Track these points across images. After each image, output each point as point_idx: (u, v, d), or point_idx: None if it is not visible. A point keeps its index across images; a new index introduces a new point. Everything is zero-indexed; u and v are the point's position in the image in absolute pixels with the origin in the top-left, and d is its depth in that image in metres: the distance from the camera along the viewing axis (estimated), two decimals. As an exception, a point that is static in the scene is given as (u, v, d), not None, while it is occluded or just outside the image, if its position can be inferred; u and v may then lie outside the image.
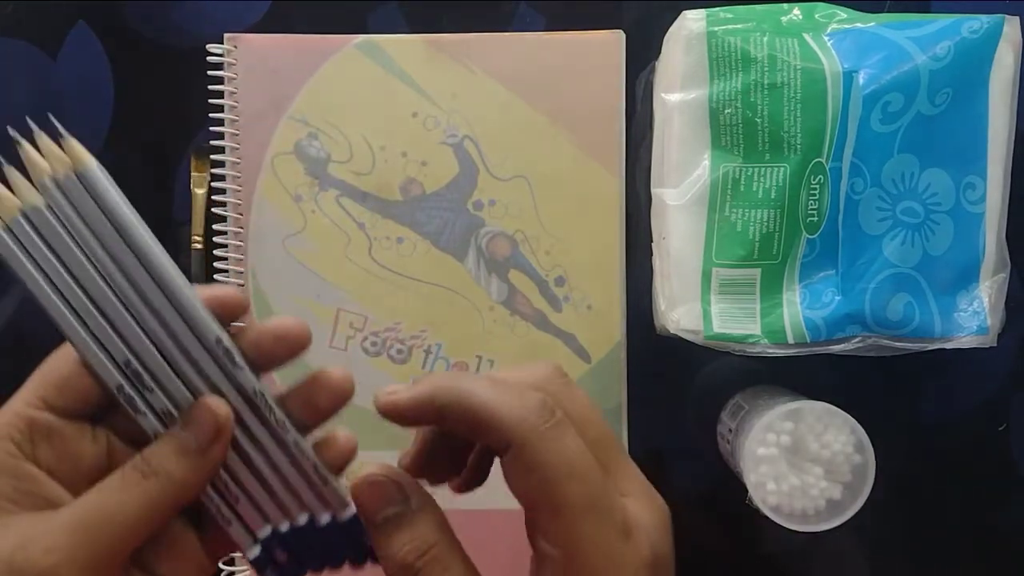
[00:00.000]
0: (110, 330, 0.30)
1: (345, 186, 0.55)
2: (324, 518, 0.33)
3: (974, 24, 0.49)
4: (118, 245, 0.30)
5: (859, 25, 0.50)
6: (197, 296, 0.31)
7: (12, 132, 0.29)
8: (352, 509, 0.33)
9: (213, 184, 0.56)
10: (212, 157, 0.56)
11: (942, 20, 0.49)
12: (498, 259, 0.55)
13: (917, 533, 0.57)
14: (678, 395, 0.57)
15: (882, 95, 0.48)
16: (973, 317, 0.51)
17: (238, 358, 0.32)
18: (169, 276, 0.30)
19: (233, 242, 0.55)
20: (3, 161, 0.30)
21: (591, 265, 0.55)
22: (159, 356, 0.31)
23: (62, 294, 0.30)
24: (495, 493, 0.57)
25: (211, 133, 0.55)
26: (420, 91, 0.55)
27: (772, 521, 0.49)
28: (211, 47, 0.55)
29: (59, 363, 0.30)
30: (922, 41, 0.48)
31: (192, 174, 0.56)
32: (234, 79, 0.55)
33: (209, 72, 0.55)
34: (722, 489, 0.56)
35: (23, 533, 0.28)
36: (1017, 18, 0.49)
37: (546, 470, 0.29)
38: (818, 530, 0.49)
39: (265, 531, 0.33)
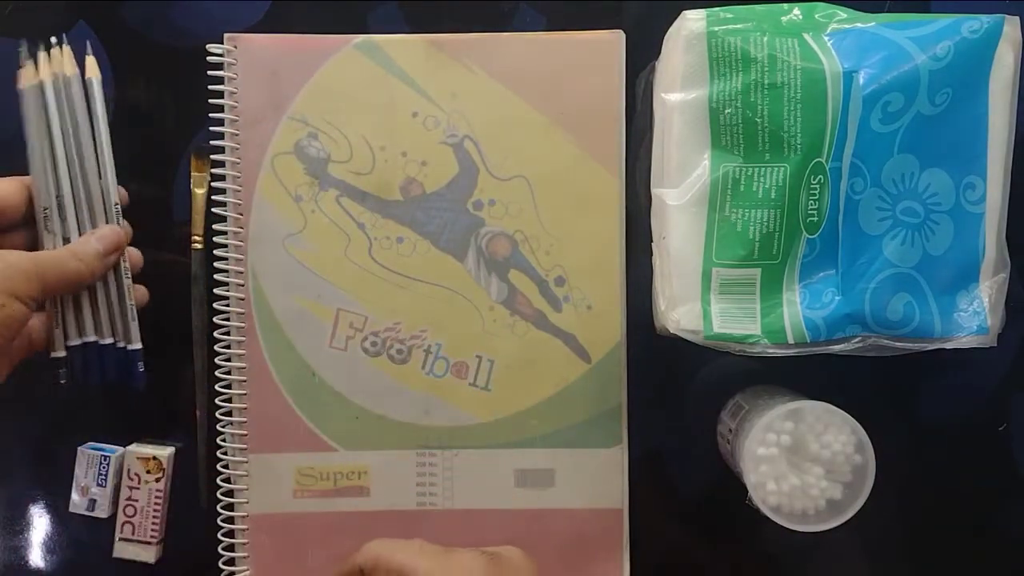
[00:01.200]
0: (54, 176, 0.50)
1: (345, 186, 0.55)
2: (121, 343, 0.52)
3: (974, 24, 0.49)
4: (90, 136, 0.51)
5: (859, 25, 0.50)
6: (114, 175, 0.52)
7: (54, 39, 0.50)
8: (138, 344, 0.52)
9: (213, 184, 0.56)
10: (212, 157, 0.56)
11: (942, 20, 0.49)
12: (498, 259, 0.55)
13: (917, 533, 0.57)
14: (678, 395, 0.57)
15: (882, 95, 0.48)
16: (973, 317, 0.51)
17: (121, 221, 0.52)
18: (105, 159, 0.51)
19: (233, 242, 0.55)
20: (40, 47, 0.50)
21: (591, 265, 0.55)
22: (73, 201, 0.51)
23: (40, 143, 0.50)
24: (495, 493, 0.57)
25: (211, 133, 0.55)
26: (420, 91, 0.55)
27: (772, 521, 0.49)
28: (211, 47, 0.55)
29: (3, 184, 0.49)
30: (922, 41, 0.48)
31: (192, 174, 0.56)
32: (234, 79, 0.55)
33: (209, 72, 0.55)
34: (722, 489, 0.56)
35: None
36: (1017, 18, 0.49)
37: None
38: (818, 530, 0.49)
39: (75, 340, 0.51)
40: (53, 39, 0.50)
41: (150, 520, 0.56)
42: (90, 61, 0.51)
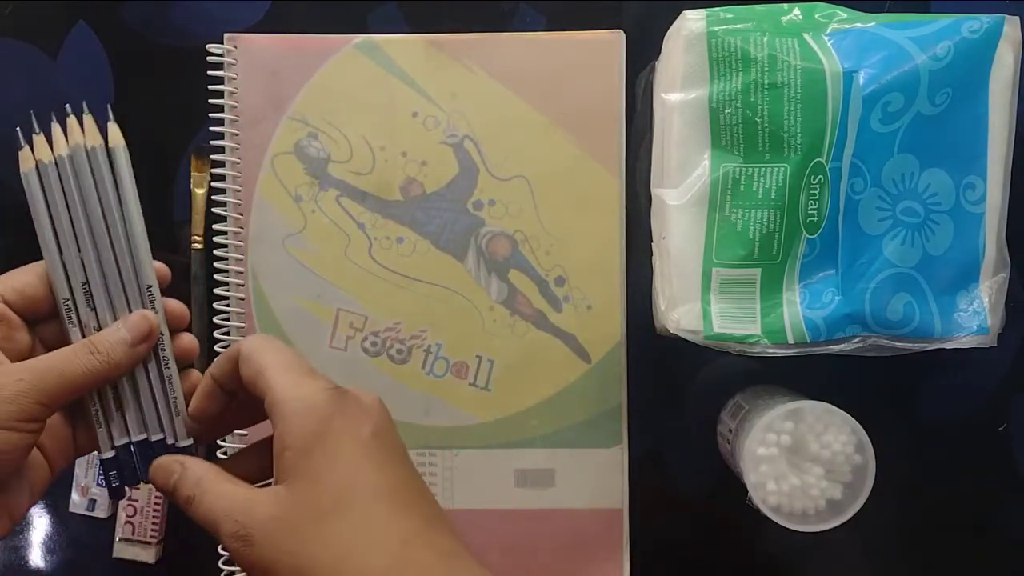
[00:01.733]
0: (78, 261, 0.42)
1: (345, 186, 0.55)
2: (169, 440, 0.43)
3: (974, 24, 0.49)
4: (117, 211, 0.42)
5: (859, 25, 0.50)
6: (150, 255, 0.43)
7: (68, 108, 0.42)
8: (190, 440, 0.43)
9: (213, 184, 0.56)
10: (212, 157, 0.56)
11: (942, 20, 0.49)
12: (498, 259, 0.55)
13: (917, 533, 0.57)
14: (678, 395, 0.57)
15: (882, 95, 0.48)
16: (973, 317, 0.51)
17: (157, 305, 0.43)
18: (136, 236, 0.43)
19: (233, 242, 0.55)
20: (43, 125, 0.42)
21: (591, 265, 0.55)
22: (104, 287, 0.43)
23: (54, 229, 0.42)
24: (495, 493, 0.57)
25: (211, 133, 0.55)
26: (420, 91, 0.55)
27: (772, 521, 0.49)
28: (211, 47, 0.55)
29: (25, 274, 0.42)
30: (922, 41, 0.48)
31: (192, 174, 0.56)
32: (234, 79, 0.55)
33: (209, 72, 0.55)
34: (722, 489, 0.56)
35: None
36: (1017, 18, 0.49)
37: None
38: (818, 530, 0.49)
39: (122, 439, 0.43)
40: (68, 107, 0.43)
41: (150, 520, 0.56)
42: (113, 129, 0.44)
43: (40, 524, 0.57)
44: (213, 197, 0.55)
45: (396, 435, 0.39)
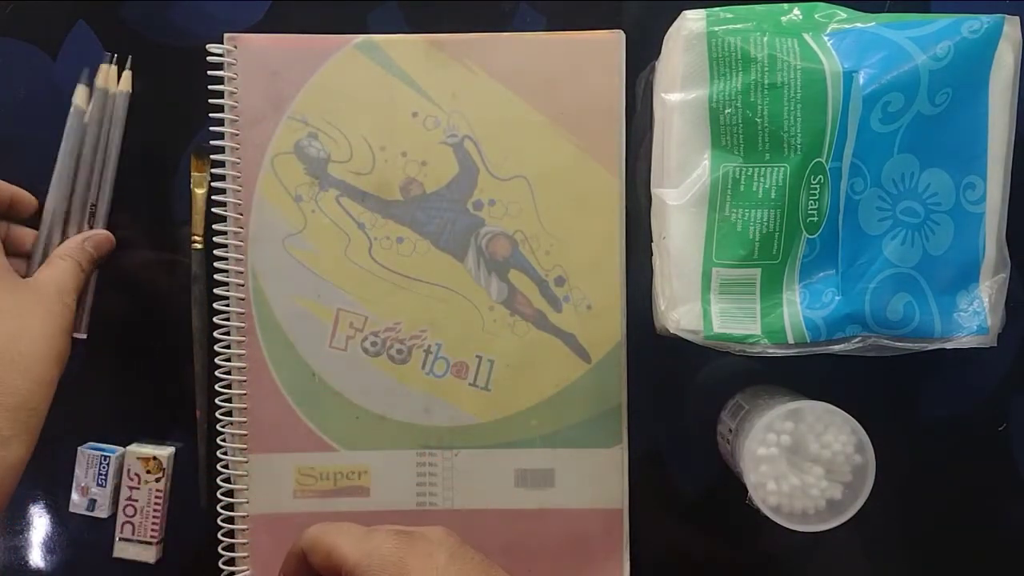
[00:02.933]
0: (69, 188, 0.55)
1: (345, 186, 0.55)
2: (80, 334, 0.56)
3: (974, 24, 0.49)
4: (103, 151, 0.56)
5: (859, 25, 0.50)
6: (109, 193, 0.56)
7: (107, 57, 0.56)
8: (84, 334, 0.56)
9: (213, 184, 0.56)
10: (212, 157, 0.56)
11: (942, 20, 0.49)
12: (498, 259, 0.55)
13: (917, 533, 0.57)
14: (678, 395, 0.57)
15: (882, 95, 0.48)
16: (973, 317, 0.51)
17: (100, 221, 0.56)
18: (108, 174, 0.56)
19: (233, 242, 0.55)
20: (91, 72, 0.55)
21: (591, 265, 0.55)
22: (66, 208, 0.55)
23: (77, 164, 0.55)
24: (495, 493, 0.57)
25: (211, 133, 0.55)
26: (420, 91, 0.55)
27: (772, 521, 0.49)
28: (211, 47, 0.55)
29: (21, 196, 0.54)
30: (922, 41, 0.48)
31: (192, 174, 0.56)
32: (234, 79, 0.55)
33: (209, 72, 0.55)
34: (722, 489, 0.56)
35: (18, 294, 0.50)
36: (1017, 18, 0.49)
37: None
38: (818, 530, 0.49)
39: None
40: (115, 56, 0.55)
41: (150, 520, 0.56)
42: (125, 76, 0.55)
43: (40, 524, 0.57)
44: (213, 197, 0.55)
45: (472, 553, 0.42)
